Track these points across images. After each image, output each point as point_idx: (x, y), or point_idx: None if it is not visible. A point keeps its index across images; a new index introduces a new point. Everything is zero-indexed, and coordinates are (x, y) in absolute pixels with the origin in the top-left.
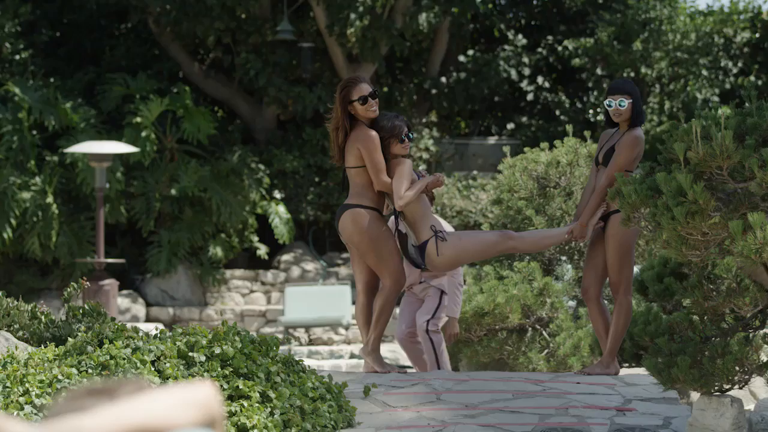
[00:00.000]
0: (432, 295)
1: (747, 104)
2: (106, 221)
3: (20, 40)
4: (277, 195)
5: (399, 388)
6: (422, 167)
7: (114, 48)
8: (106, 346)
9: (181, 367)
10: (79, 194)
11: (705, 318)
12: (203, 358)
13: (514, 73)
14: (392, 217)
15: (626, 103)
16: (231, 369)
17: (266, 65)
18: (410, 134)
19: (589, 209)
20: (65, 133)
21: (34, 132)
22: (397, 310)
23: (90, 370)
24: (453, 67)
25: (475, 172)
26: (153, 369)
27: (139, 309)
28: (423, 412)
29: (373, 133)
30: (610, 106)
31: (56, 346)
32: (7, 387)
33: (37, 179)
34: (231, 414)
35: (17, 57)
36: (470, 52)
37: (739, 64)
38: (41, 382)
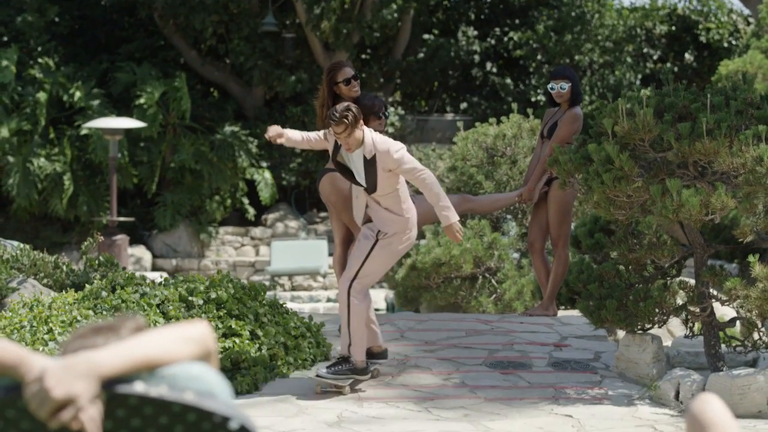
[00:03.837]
0: (365, 238)
1: (665, 86)
2: (117, 186)
3: (44, 35)
4: (264, 163)
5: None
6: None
7: (126, 39)
8: (118, 291)
9: (182, 310)
10: (93, 163)
11: (629, 267)
12: (201, 302)
13: (466, 60)
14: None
15: (566, 86)
16: (225, 311)
17: (254, 52)
18: (386, 113)
19: (535, 176)
20: (81, 111)
21: (55, 109)
22: None
23: (104, 312)
24: (413, 53)
25: (433, 144)
26: (158, 311)
27: (147, 260)
28: (389, 347)
29: (358, 112)
30: (552, 89)
31: (75, 292)
32: (34, 326)
33: (57, 149)
34: (225, 349)
35: (40, 48)
36: (430, 37)
37: (658, 53)
38: (63, 322)
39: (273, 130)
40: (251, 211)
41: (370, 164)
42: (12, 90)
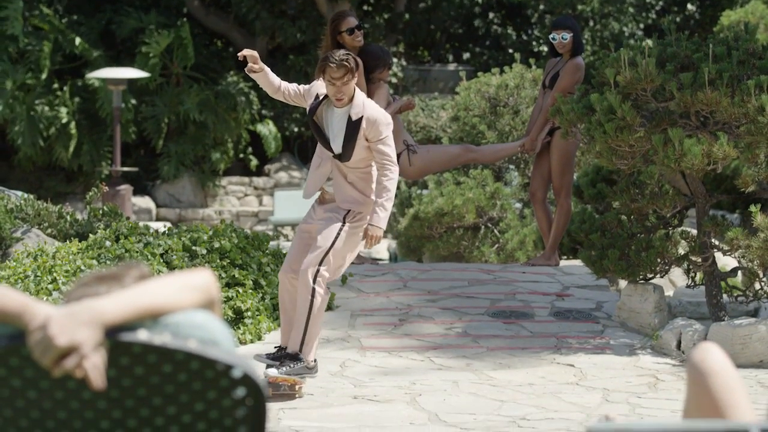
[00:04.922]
0: (329, 221)
1: (667, 36)
2: (121, 139)
3: None
4: (266, 113)
5: (371, 277)
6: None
7: None
8: (121, 241)
9: (186, 259)
10: (97, 112)
11: (631, 217)
12: (204, 251)
13: (469, 10)
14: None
15: (568, 36)
16: (228, 260)
17: (256, 2)
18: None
19: (537, 126)
20: (86, 62)
21: (60, 60)
22: None
23: (108, 262)
24: (416, 3)
25: (436, 94)
26: (162, 261)
27: (150, 210)
28: (392, 297)
29: (358, 60)
30: (554, 39)
31: (79, 241)
32: (38, 276)
33: (61, 99)
34: (228, 299)
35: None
36: None
37: (660, 3)
38: (67, 271)
39: (249, 51)
40: (254, 161)
41: (352, 128)
42: (19, 41)
